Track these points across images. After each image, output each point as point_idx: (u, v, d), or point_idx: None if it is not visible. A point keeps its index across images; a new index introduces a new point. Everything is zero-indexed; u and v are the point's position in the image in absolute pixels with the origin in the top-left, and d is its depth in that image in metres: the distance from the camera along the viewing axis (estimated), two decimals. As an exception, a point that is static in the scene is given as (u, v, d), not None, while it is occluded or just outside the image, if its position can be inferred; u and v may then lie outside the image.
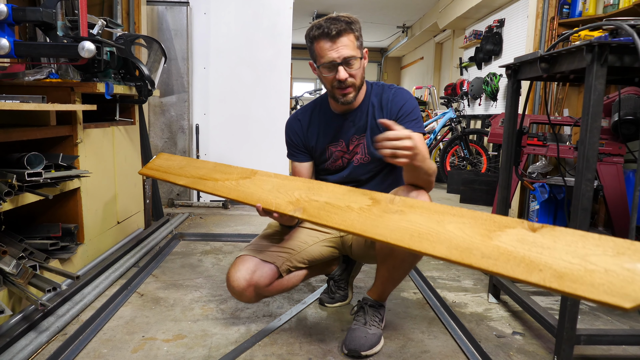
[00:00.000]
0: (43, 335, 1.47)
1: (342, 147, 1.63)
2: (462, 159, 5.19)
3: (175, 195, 3.81)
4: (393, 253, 1.44)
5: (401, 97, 1.57)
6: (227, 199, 1.47)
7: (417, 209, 1.11)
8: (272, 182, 1.46)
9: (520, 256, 0.85)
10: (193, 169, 1.77)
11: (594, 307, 1.93)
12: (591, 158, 1.34)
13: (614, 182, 2.91)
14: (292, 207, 1.31)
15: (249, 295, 1.50)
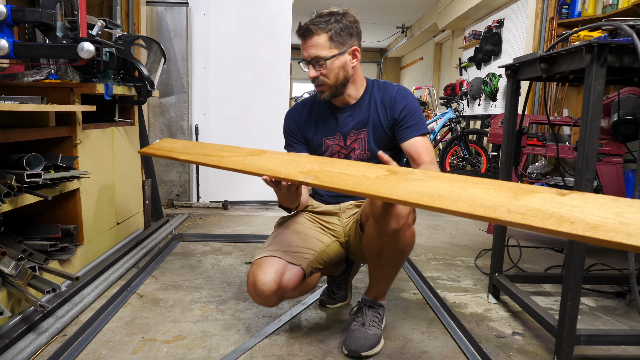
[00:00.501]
0: (42, 337, 1.47)
1: (338, 141, 1.63)
2: (461, 159, 5.18)
3: (174, 195, 3.81)
4: (380, 252, 1.43)
5: (403, 97, 1.56)
6: (233, 170, 1.41)
7: (438, 178, 1.05)
8: (282, 158, 1.41)
9: (550, 212, 0.81)
10: (198, 149, 1.72)
11: (594, 307, 1.93)
12: (591, 158, 1.34)
13: (614, 182, 2.91)
14: (302, 176, 1.25)
15: (275, 300, 1.43)
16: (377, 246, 1.43)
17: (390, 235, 1.36)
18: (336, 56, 1.47)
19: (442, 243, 2.89)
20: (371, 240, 1.43)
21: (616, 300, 2.02)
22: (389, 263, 1.45)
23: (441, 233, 3.15)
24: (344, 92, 1.55)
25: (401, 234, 1.36)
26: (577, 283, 1.38)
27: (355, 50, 1.51)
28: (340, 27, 1.46)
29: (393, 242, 1.39)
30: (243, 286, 2.03)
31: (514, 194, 0.90)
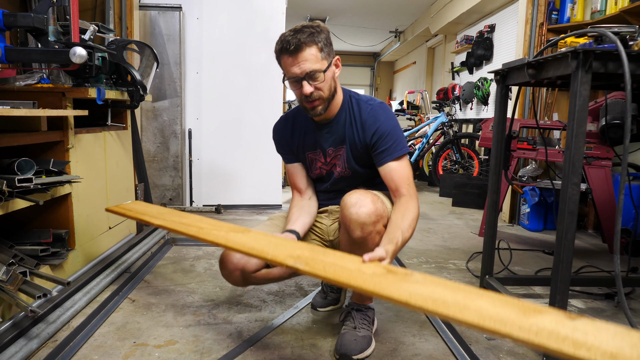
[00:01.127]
0: (33, 342, 1.46)
1: (319, 157, 1.62)
2: (454, 162, 5.22)
3: (167, 200, 3.80)
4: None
5: (374, 119, 1.50)
6: (212, 243, 1.38)
7: (439, 284, 1.01)
8: (268, 240, 1.34)
9: (563, 335, 0.78)
10: (175, 216, 1.66)
11: (583, 309, 1.96)
12: (577, 162, 1.37)
13: (603, 185, 2.95)
14: (292, 260, 1.18)
15: (236, 277, 1.52)
16: (348, 252, 1.44)
17: (357, 242, 1.39)
18: (328, 67, 1.43)
19: (434, 246, 2.91)
20: (343, 246, 1.48)
21: (605, 302, 2.04)
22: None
23: (433, 236, 3.17)
24: (332, 105, 1.51)
25: (369, 241, 1.38)
26: (565, 285, 1.40)
27: (337, 59, 1.49)
28: (324, 37, 1.42)
29: (360, 249, 1.39)
30: (236, 290, 2.04)
31: (522, 311, 0.88)
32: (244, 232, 1.40)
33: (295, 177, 1.69)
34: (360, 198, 1.38)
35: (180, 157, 3.79)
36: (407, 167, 1.49)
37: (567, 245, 1.39)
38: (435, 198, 4.85)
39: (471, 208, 4.32)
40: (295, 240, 1.40)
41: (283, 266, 1.21)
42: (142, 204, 1.92)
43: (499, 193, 1.95)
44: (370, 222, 1.35)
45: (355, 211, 1.36)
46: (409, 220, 1.36)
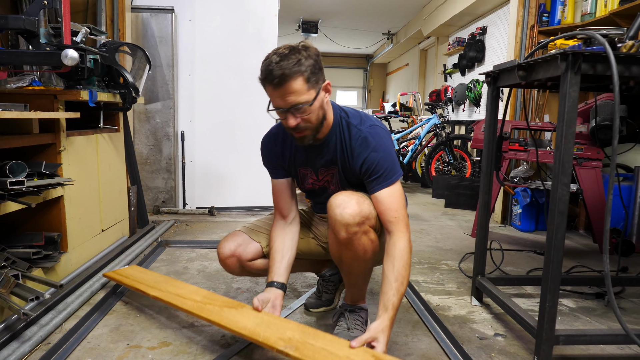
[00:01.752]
0: (26, 345, 1.46)
1: (311, 174, 1.59)
2: (446, 164, 5.25)
3: (160, 202, 3.79)
4: (340, 259, 1.48)
5: (364, 146, 1.43)
6: (206, 320, 1.45)
7: None
8: (261, 318, 1.39)
9: None
10: (170, 286, 1.72)
11: (574, 308, 1.98)
12: (567, 163, 1.38)
13: (593, 185, 2.98)
14: (282, 344, 1.22)
15: (231, 264, 1.62)
16: (336, 253, 1.48)
17: (343, 243, 1.40)
18: (316, 98, 1.34)
19: (427, 247, 2.92)
20: (332, 248, 1.49)
21: (595, 301, 2.07)
22: (350, 269, 1.49)
23: (426, 237, 3.18)
24: (321, 130, 1.44)
25: (355, 242, 1.39)
26: (555, 285, 1.41)
27: (327, 84, 1.38)
28: (312, 63, 1.31)
29: (347, 250, 1.42)
30: (229, 292, 2.04)
31: None
32: (238, 308, 1.47)
33: (280, 197, 1.61)
34: (345, 200, 1.38)
35: (173, 159, 3.78)
36: (397, 194, 1.41)
37: (557, 245, 1.41)
38: (428, 199, 4.87)
39: (464, 209, 4.34)
40: (287, 320, 1.41)
41: (273, 350, 1.24)
42: (138, 270, 1.96)
43: (490, 194, 1.97)
44: (354, 223, 1.36)
45: (339, 212, 1.37)
46: (400, 269, 1.33)
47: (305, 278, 2.23)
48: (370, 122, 1.47)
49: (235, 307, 1.47)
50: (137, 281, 1.79)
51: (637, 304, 2.04)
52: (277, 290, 1.49)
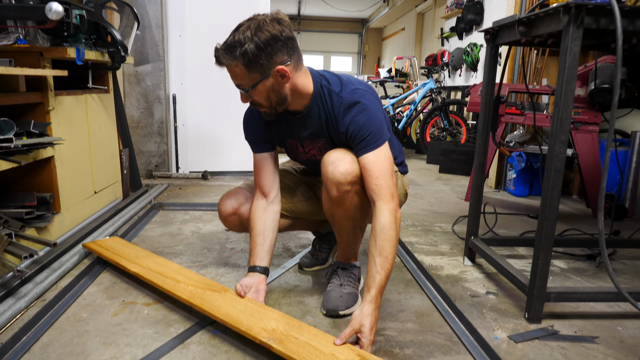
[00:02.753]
0: (22, 301, 1.46)
1: (298, 146, 1.56)
2: (442, 130, 5.22)
3: (153, 166, 3.76)
4: (332, 217, 1.48)
5: (346, 112, 1.37)
6: (187, 302, 1.42)
7: None
8: (244, 304, 1.37)
9: None
10: (152, 263, 1.68)
11: (565, 268, 2.00)
12: (565, 120, 1.37)
13: (589, 150, 2.98)
14: (266, 335, 1.20)
15: (232, 222, 1.65)
16: (328, 211, 1.47)
17: (335, 201, 1.39)
18: (259, 83, 1.30)
19: (421, 210, 2.93)
20: (324, 205, 1.48)
21: (587, 262, 2.09)
22: (342, 228, 1.49)
23: (420, 201, 3.19)
24: (287, 107, 1.40)
25: (346, 201, 1.38)
26: (549, 242, 1.42)
27: (280, 70, 1.29)
28: (253, 50, 1.24)
29: (339, 208, 1.41)
30: (223, 252, 2.04)
31: None
32: (221, 292, 1.44)
33: (262, 172, 1.56)
34: (338, 157, 1.36)
35: (165, 123, 3.72)
36: (382, 159, 1.35)
37: (552, 203, 1.41)
38: (422, 165, 4.86)
39: (458, 175, 4.35)
40: (271, 309, 1.37)
41: (256, 340, 1.22)
42: (120, 242, 1.92)
43: (485, 155, 1.96)
44: (345, 182, 1.34)
45: (331, 170, 1.35)
46: (383, 243, 1.28)
47: (299, 239, 2.24)
48: (352, 86, 1.40)
49: (219, 290, 1.45)
50: (117, 254, 1.74)
51: (627, 265, 2.07)
52: (260, 275, 1.49)
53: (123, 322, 1.41)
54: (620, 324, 1.51)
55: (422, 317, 1.50)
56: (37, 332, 1.33)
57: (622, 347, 1.36)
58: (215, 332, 1.36)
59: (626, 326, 1.49)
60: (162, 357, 1.23)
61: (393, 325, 1.44)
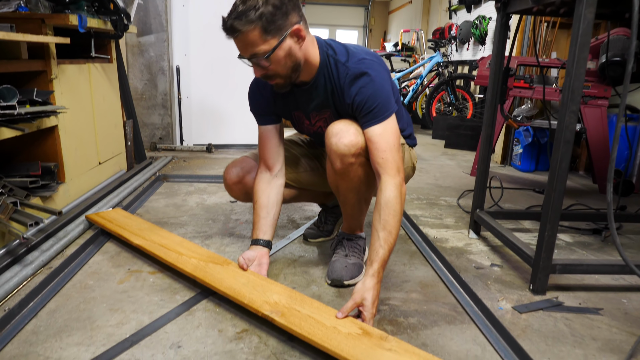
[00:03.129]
0: (28, 268, 1.47)
1: (304, 118, 1.53)
2: (448, 104, 5.16)
3: (157, 139, 3.75)
4: (337, 189, 1.46)
5: (353, 83, 1.33)
6: (190, 275, 1.42)
7: (412, 355, 1.02)
8: (247, 277, 1.36)
9: None
10: (155, 235, 1.67)
11: (571, 242, 2.00)
12: (577, 90, 1.34)
13: (598, 125, 2.93)
14: (268, 308, 1.20)
15: (237, 191, 1.65)
16: (333, 183, 1.46)
17: (339, 173, 1.38)
18: (277, 47, 1.24)
19: (426, 184, 2.92)
20: (329, 177, 1.47)
21: (592, 236, 2.08)
22: (346, 199, 1.48)
23: (425, 175, 3.18)
24: (299, 76, 1.36)
25: (350, 173, 1.37)
26: (556, 214, 1.41)
27: (296, 30, 1.26)
28: (270, 10, 1.19)
29: (343, 180, 1.40)
30: (228, 222, 2.04)
31: None
32: (224, 265, 1.44)
33: (267, 145, 1.53)
34: (342, 129, 1.33)
35: (169, 95, 3.69)
36: (389, 132, 1.31)
37: (560, 175, 1.39)
38: (427, 140, 4.83)
39: (464, 150, 4.32)
40: (274, 282, 1.35)
41: (259, 314, 1.21)
42: (123, 214, 1.91)
43: (493, 127, 1.93)
44: (349, 154, 1.32)
45: (335, 142, 1.32)
46: (387, 217, 1.26)
47: (304, 211, 2.24)
48: (359, 55, 1.35)
49: (221, 263, 1.45)
50: (120, 226, 1.75)
51: (633, 240, 2.06)
52: (263, 249, 1.49)
53: (129, 289, 1.42)
54: (625, 297, 1.50)
55: (427, 288, 1.50)
56: (44, 298, 1.34)
57: (626, 319, 1.36)
58: (220, 301, 1.37)
59: (631, 299, 1.49)
60: (168, 323, 1.24)
61: (397, 295, 1.45)
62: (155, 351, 1.12)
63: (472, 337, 1.23)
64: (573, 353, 1.18)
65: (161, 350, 1.12)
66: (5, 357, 1.08)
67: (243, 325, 1.24)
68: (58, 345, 1.13)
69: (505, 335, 1.20)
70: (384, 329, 1.25)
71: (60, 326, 1.21)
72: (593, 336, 1.26)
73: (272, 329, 1.22)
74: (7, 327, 1.19)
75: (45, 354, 1.10)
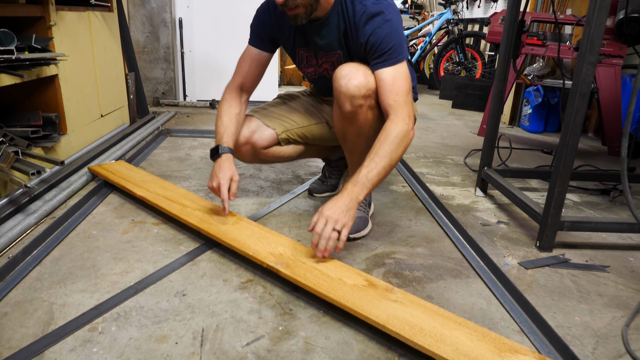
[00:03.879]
0: (31, 217, 1.46)
1: (312, 57, 1.48)
2: (456, 64, 5.04)
3: (160, 94, 3.68)
4: (344, 135, 1.42)
5: (369, 21, 1.28)
6: (194, 227, 1.40)
7: (418, 306, 1.02)
8: (252, 230, 1.35)
9: None
10: (158, 187, 1.64)
11: (579, 202, 1.97)
12: (596, 40, 1.28)
13: (611, 85, 2.85)
14: (273, 259, 1.19)
15: (245, 152, 1.57)
16: (340, 130, 1.42)
17: (347, 117, 1.34)
18: None
19: (433, 143, 2.88)
20: (336, 123, 1.43)
21: (600, 197, 2.06)
22: (354, 147, 1.44)
23: (432, 134, 3.13)
24: (317, 8, 1.30)
25: (359, 117, 1.33)
26: (568, 168, 1.38)
27: None
28: None
29: (351, 125, 1.36)
30: (232, 177, 2.02)
31: (498, 349, 0.89)
32: (229, 217, 1.42)
33: (250, 68, 1.50)
34: (351, 70, 1.29)
35: (172, 48, 3.60)
36: (402, 76, 1.27)
37: (574, 129, 1.35)
38: (435, 100, 4.74)
39: (471, 110, 4.24)
40: (278, 234, 1.33)
41: (264, 265, 1.19)
42: (126, 166, 1.88)
43: (505, 82, 1.87)
44: (359, 95, 1.28)
45: (344, 83, 1.28)
46: (385, 143, 1.22)
47: (308, 167, 2.21)
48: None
49: (226, 215, 1.43)
50: (123, 178, 1.72)
51: (641, 200, 2.04)
52: (229, 156, 1.42)
53: (133, 239, 1.41)
54: (632, 255, 1.49)
55: (432, 243, 1.49)
56: (48, 246, 1.34)
57: (633, 277, 1.35)
58: (225, 253, 1.36)
59: (638, 257, 1.48)
60: (173, 272, 1.24)
61: (403, 249, 1.44)
62: (160, 299, 1.12)
63: (477, 291, 1.22)
64: (579, 308, 1.17)
65: (166, 298, 1.12)
66: (10, 302, 1.08)
67: (248, 276, 1.24)
68: (62, 291, 1.13)
69: (511, 289, 1.19)
70: (390, 281, 1.25)
71: (65, 274, 1.21)
72: (599, 292, 1.26)
73: (276, 279, 1.22)
74: (12, 274, 1.19)
75: (49, 299, 1.10)
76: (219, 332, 1.01)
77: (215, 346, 0.96)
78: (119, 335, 0.98)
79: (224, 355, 0.93)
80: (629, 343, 1.04)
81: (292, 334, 1.02)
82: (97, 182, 1.83)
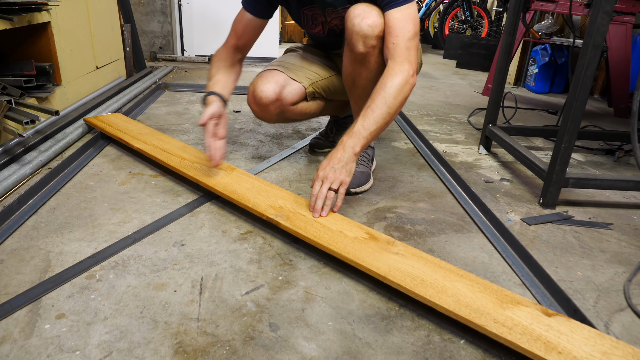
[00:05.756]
0: (26, 167, 1.43)
1: (318, 14, 1.41)
2: (462, 22, 4.90)
3: (157, 48, 3.59)
4: (354, 81, 1.37)
5: None
6: (192, 179, 1.36)
7: (420, 258, 1.00)
8: (251, 183, 1.32)
9: (537, 334, 0.80)
10: (156, 140, 1.59)
11: (583, 161, 1.94)
12: (615, -13, 1.21)
13: (621, 44, 2.77)
14: (273, 212, 1.16)
15: (273, 111, 1.45)
16: (350, 74, 1.36)
17: (359, 59, 1.29)
18: None
19: (436, 102, 2.82)
20: (346, 69, 1.37)
21: (605, 157, 2.03)
22: (363, 93, 1.37)
23: (435, 93, 3.06)
24: None
25: (372, 59, 1.28)
26: (576, 124, 1.34)
27: None
28: None
29: (363, 68, 1.31)
30: (232, 131, 1.99)
31: (499, 300, 0.88)
32: (227, 170, 1.38)
33: (246, 30, 1.45)
34: (365, 9, 1.23)
35: (169, 0, 3.48)
36: (407, 19, 1.21)
37: (585, 82, 1.30)
38: (439, 59, 4.64)
39: (476, 70, 4.15)
40: (279, 188, 1.29)
41: (263, 217, 1.16)
42: (123, 118, 1.82)
43: (514, 36, 1.80)
44: (373, 36, 1.22)
45: (357, 22, 1.22)
46: (381, 93, 1.17)
47: (309, 122, 2.17)
48: None
49: (225, 168, 1.40)
50: (120, 130, 1.68)
51: (646, 160, 2.01)
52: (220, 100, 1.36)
53: (130, 190, 1.39)
54: (636, 214, 1.48)
55: (435, 198, 1.47)
56: (44, 196, 1.31)
57: (635, 234, 1.34)
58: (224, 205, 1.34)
59: (641, 215, 1.47)
60: (171, 223, 1.23)
61: (405, 204, 1.42)
62: (158, 248, 1.11)
63: (479, 245, 1.21)
64: (581, 263, 1.16)
65: (164, 248, 1.11)
66: (6, 250, 1.07)
67: (247, 227, 1.23)
68: (59, 240, 1.12)
69: (513, 244, 1.18)
70: (391, 234, 1.23)
71: (61, 223, 1.19)
72: (602, 249, 1.24)
73: (276, 231, 1.20)
74: (7, 222, 1.17)
75: (46, 247, 1.08)
76: (218, 281, 1.00)
77: (214, 294, 0.95)
78: (117, 283, 0.97)
79: (223, 303, 0.93)
80: (631, 297, 1.03)
81: (292, 283, 1.01)
82: (93, 134, 1.80)
